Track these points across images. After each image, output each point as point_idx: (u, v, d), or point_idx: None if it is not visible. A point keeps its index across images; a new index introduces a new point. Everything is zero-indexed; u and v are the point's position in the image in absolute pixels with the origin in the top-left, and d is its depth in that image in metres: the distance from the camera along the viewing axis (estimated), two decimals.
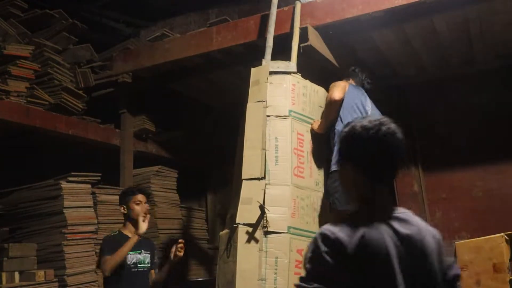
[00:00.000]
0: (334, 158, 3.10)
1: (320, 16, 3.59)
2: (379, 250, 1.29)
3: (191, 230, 5.01)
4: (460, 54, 4.18)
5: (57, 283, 3.64)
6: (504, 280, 2.37)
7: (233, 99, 4.42)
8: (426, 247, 1.36)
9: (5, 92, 3.91)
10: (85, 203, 3.95)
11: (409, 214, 1.43)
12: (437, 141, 4.48)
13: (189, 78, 4.51)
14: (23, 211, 4.03)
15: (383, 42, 3.87)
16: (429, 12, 3.45)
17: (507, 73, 4.20)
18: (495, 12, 3.48)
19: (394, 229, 1.34)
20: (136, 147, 4.80)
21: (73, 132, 4.31)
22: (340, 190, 2.98)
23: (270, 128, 3.06)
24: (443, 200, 4.38)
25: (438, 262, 1.39)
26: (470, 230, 4.17)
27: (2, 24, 4.29)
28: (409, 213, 1.43)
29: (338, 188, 3.01)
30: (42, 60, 4.32)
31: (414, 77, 4.57)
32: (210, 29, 4.07)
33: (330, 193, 3.07)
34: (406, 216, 1.40)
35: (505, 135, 4.17)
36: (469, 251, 2.51)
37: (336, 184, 3.03)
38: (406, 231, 1.34)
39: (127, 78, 4.48)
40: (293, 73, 3.24)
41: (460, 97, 4.43)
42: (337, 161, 2.38)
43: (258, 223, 2.85)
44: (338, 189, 3.01)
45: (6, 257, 3.55)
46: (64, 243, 3.71)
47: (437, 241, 1.41)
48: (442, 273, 1.39)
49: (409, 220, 1.38)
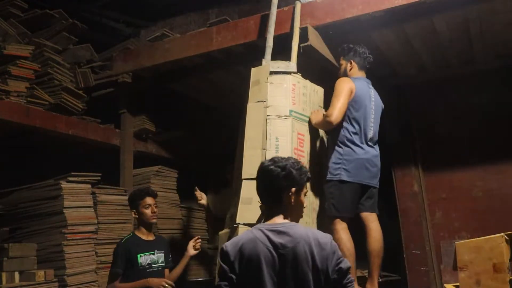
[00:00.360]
0: (332, 166, 3.09)
1: (320, 16, 3.59)
2: (252, 257, 1.69)
3: (191, 230, 5.01)
4: (460, 54, 4.18)
5: (57, 283, 3.64)
6: (504, 280, 2.37)
7: (233, 99, 4.43)
8: (298, 253, 1.68)
9: (5, 92, 3.91)
10: (85, 203, 3.95)
11: (290, 226, 1.77)
12: (437, 141, 4.48)
13: (189, 78, 4.51)
14: (23, 211, 4.03)
15: (383, 42, 3.87)
16: (429, 12, 3.45)
17: (507, 73, 4.20)
18: (495, 12, 3.48)
19: (270, 239, 1.71)
20: (136, 147, 4.80)
21: (73, 132, 4.31)
22: (337, 196, 3.02)
23: (270, 128, 3.06)
24: (443, 200, 4.38)
25: (317, 266, 1.69)
26: (470, 230, 4.17)
27: (2, 24, 4.29)
28: (290, 226, 1.77)
29: (335, 194, 3.03)
30: (42, 60, 4.32)
31: (414, 77, 4.57)
32: (210, 29, 4.07)
33: (327, 198, 3.09)
34: (284, 229, 1.75)
35: (505, 135, 4.17)
36: (469, 251, 2.50)
37: (332, 189, 3.05)
38: (280, 240, 1.71)
39: (127, 78, 4.48)
40: (293, 73, 3.24)
41: (460, 97, 4.43)
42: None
43: (258, 223, 2.84)
44: (334, 195, 3.04)
45: (6, 257, 3.55)
46: (64, 243, 3.71)
47: (318, 248, 1.71)
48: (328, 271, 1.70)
49: (286, 231, 1.73)
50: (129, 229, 4.17)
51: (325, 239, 1.75)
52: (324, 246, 1.72)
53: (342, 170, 3.04)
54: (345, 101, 3.08)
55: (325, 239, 1.76)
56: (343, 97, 3.07)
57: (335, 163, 3.09)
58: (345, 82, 3.16)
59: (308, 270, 1.67)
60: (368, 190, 3.15)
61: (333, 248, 1.75)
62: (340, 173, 3.05)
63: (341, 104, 3.06)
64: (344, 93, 3.08)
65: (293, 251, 1.68)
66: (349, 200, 3.04)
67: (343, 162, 3.06)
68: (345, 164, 3.05)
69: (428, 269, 4.20)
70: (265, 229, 1.75)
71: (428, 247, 4.26)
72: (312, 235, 1.75)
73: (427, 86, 4.58)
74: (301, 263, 1.67)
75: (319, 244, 1.72)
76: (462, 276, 2.51)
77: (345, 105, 3.08)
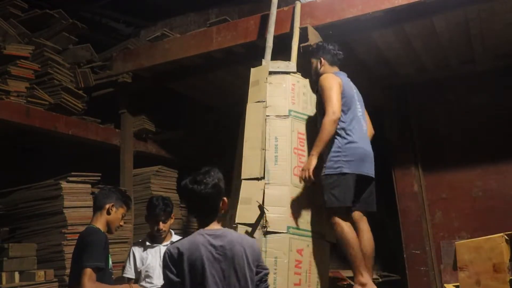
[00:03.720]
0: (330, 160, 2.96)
1: (320, 16, 3.59)
2: (196, 259, 1.92)
3: (191, 230, 5.01)
4: (460, 54, 4.18)
5: (57, 283, 3.65)
6: (504, 280, 2.37)
7: (233, 99, 4.43)
8: (235, 253, 1.96)
9: (5, 92, 3.91)
10: (85, 203, 3.95)
11: (225, 231, 2.05)
12: (437, 141, 4.48)
13: (189, 78, 4.51)
14: (23, 211, 4.03)
15: (383, 42, 3.87)
16: (429, 12, 3.45)
17: (507, 73, 4.20)
18: (495, 12, 3.48)
19: (210, 242, 1.96)
20: (136, 147, 4.80)
21: (73, 132, 4.31)
22: (339, 186, 2.91)
23: (269, 128, 3.06)
24: (443, 200, 4.38)
25: (250, 263, 1.98)
26: (470, 230, 4.17)
27: (2, 24, 4.29)
28: (225, 230, 2.05)
29: (336, 184, 2.91)
30: (42, 60, 4.33)
31: (414, 77, 4.57)
32: (210, 29, 4.08)
33: (326, 189, 2.94)
34: (221, 233, 2.01)
35: (505, 135, 4.17)
36: (469, 251, 2.50)
37: (332, 180, 2.92)
38: (219, 243, 1.96)
39: (127, 78, 4.48)
40: (292, 73, 3.24)
41: (460, 97, 4.43)
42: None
43: (258, 223, 2.85)
44: (335, 185, 2.92)
45: (6, 257, 3.55)
46: (64, 243, 3.71)
47: (249, 248, 2.01)
48: (253, 273, 1.98)
49: (223, 235, 2.00)
50: (128, 229, 4.18)
51: (253, 242, 2.11)
52: (253, 248, 2.04)
53: (342, 162, 2.93)
54: (339, 95, 2.99)
55: (253, 241, 2.11)
56: (336, 92, 2.98)
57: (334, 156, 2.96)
58: (331, 77, 3.07)
59: (245, 267, 1.96)
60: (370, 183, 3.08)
61: (258, 249, 2.11)
62: (341, 165, 2.93)
63: (335, 98, 2.97)
64: (335, 88, 2.99)
65: (231, 252, 1.96)
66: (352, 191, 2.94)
67: (342, 154, 2.95)
68: (344, 156, 2.95)
69: (428, 269, 4.20)
70: (205, 234, 1.99)
71: (428, 247, 4.26)
72: (243, 238, 2.09)
73: (427, 86, 4.57)
74: (239, 261, 1.96)
75: (250, 245, 2.04)
76: (462, 276, 2.51)
77: (340, 99, 2.99)
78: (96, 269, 2.62)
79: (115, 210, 2.86)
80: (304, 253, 2.92)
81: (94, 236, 2.71)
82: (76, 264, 2.71)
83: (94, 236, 2.72)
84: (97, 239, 2.70)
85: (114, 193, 2.92)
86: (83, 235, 2.79)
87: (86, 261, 2.60)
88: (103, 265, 2.66)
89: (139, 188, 4.64)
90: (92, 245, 2.65)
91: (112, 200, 2.86)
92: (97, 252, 2.65)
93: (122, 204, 2.92)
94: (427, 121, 4.55)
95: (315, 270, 2.95)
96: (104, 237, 2.75)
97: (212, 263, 1.92)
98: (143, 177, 4.71)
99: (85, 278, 2.57)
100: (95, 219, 2.83)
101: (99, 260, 2.64)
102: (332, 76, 3.09)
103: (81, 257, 2.64)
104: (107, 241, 2.78)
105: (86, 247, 2.65)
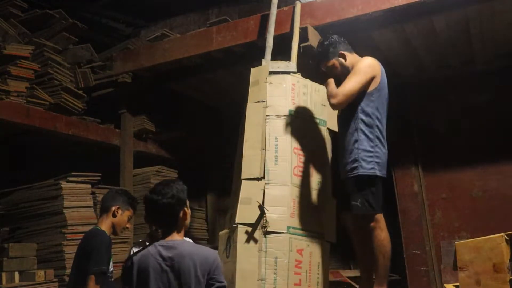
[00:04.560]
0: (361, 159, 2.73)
1: (320, 16, 3.59)
2: (144, 269, 1.96)
3: (191, 230, 5.02)
4: (460, 54, 4.18)
5: (57, 283, 3.65)
6: (504, 280, 2.37)
7: (233, 99, 4.43)
8: (183, 265, 1.93)
9: (5, 92, 3.91)
10: (85, 203, 3.95)
11: (179, 242, 2.02)
12: (437, 141, 4.48)
13: (189, 78, 4.51)
14: (23, 211, 4.03)
15: (383, 42, 3.87)
16: (429, 12, 3.45)
17: (507, 73, 4.20)
18: (495, 12, 3.48)
19: (160, 253, 1.97)
20: (136, 147, 4.80)
21: (73, 132, 4.31)
22: (373, 191, 2.73)
23: (269, 127, 3.06)
24: (443, 200, 4.37)
25: (198, 276, 1.93)
26: (470, 230, 4.17)
27: (2, 24, 4.30)
28: (180, 242, 2.02)
29: (370, 188, 2.73)
30: (42, 60, 4.33)
31: (414, 77, 4.56)
32: (210, 29, 4.08)
33: (356, 193, 2.76)
34: (172, 244, 2.00)
35: (504, 135, 4.17)
36: (469, 251, 2.50)
37: (365, 183, 2.74)
38: (169, 254, 1.96)
39: (127, 78, 4.48)
40: (292, 73, 3.24)
41: (460, 97, 4.42)
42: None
43: (258, 223, 2.85)
44: (370, 190, 2.73)
45: (6, 257, 3.56)
46: (64, 243, 3.72)
47: (201, 260, 1.95)
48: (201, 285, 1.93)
49: (174, 246, 1.98)
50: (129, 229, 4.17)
51: (209, 254, 2.01)
52: (207, 260, 1.97)
53: (375, 164, 2.73)
54: (359, 86, 2.72)
55: (210, 254, 2.01)
56: (359, 81, 2.70)
57: (367, 156, 2.73)
58: (375, 64, 2.80)
59: (191, 280, 1.92)
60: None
61: (215, 262, 2.00)
62: (374, 167, 2.73)
63: (353, 87, 2.70)
64: (363, 77, 2.72)
65: (178, 264, 1.94)
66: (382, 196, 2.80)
67: (374, 155, 2.74)
68: (377, 158, 2.74)
69: (428, 269, 4.20)
70: (158, 245, 2.00)
71: (428, 247, 4.26)
72: (198, 250, 2.02)
73: (427, 86, 4.57)
74: (185, 274, 1.92)
75: (204, 258, 1.97)
76: (462, 276, 2.52)
77: (357, 91, 2.72)
78: (101, 273, 2.65)
79: (121, 212, 2.88)
80: (304, 253, 2.92)
81: (99, 239, 2.73)
82: (79, 266, 2.73)
83: (99, 238, 2.74)
84: (102, 243, 2.72)
85: (120, 195, 2.95)
86: (88, 237, 2.82)
87: (93, 266, 2.62)
88: (106, 269, 2.69)
89: (139, 188, 4.64)
90: (98, 249, 2.68)
91: (118, 203, 2.88)
92: (102, 256, 2.67)
93: (128, 207, 2.94)
94: (427, 121, 4.54)
95: (315, 270, 2.95)
96: (108, 239, 2.76)
97: (160, 274, 1.94)
98: (143, 177, 4.71)
99: (91, 283, 2.60)
100: (101, 220, 2.86)
101: (103, 264, 2.67)
102: (376, 63, 2.84)
103: (87, 261, 2.65)
104: (111, 243, 2.78)
105: (93, 250, 2.67)
